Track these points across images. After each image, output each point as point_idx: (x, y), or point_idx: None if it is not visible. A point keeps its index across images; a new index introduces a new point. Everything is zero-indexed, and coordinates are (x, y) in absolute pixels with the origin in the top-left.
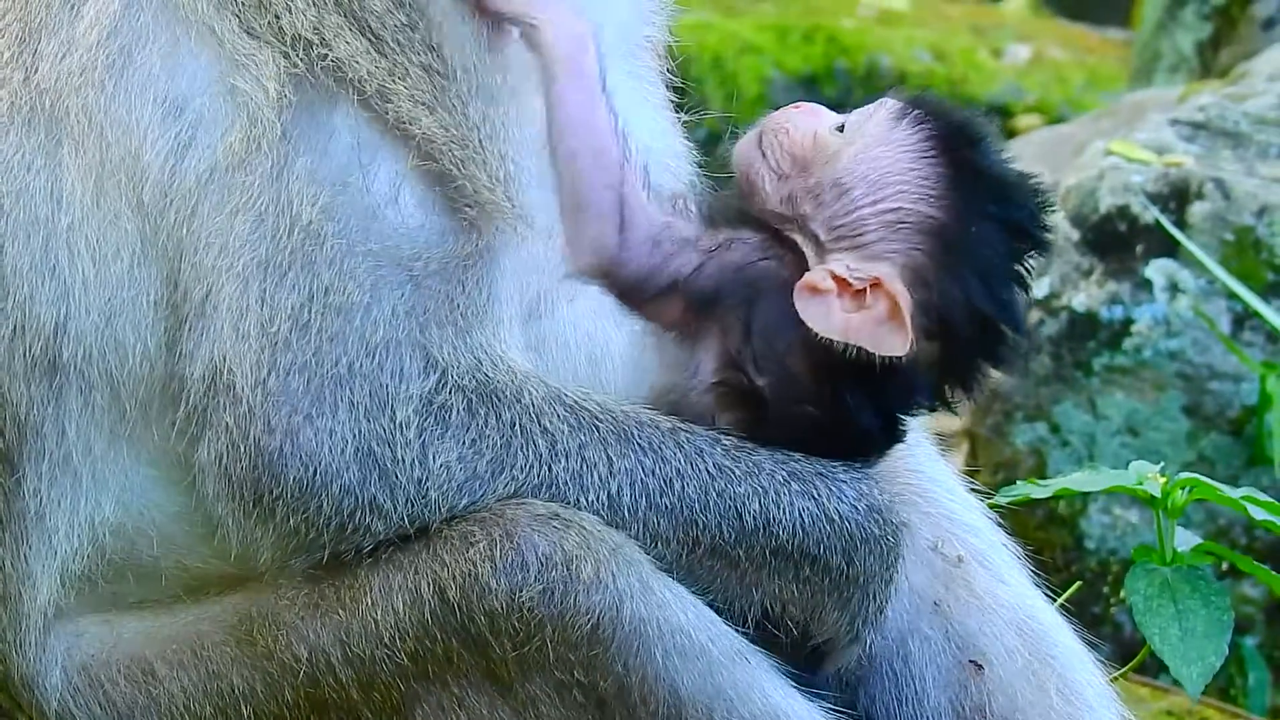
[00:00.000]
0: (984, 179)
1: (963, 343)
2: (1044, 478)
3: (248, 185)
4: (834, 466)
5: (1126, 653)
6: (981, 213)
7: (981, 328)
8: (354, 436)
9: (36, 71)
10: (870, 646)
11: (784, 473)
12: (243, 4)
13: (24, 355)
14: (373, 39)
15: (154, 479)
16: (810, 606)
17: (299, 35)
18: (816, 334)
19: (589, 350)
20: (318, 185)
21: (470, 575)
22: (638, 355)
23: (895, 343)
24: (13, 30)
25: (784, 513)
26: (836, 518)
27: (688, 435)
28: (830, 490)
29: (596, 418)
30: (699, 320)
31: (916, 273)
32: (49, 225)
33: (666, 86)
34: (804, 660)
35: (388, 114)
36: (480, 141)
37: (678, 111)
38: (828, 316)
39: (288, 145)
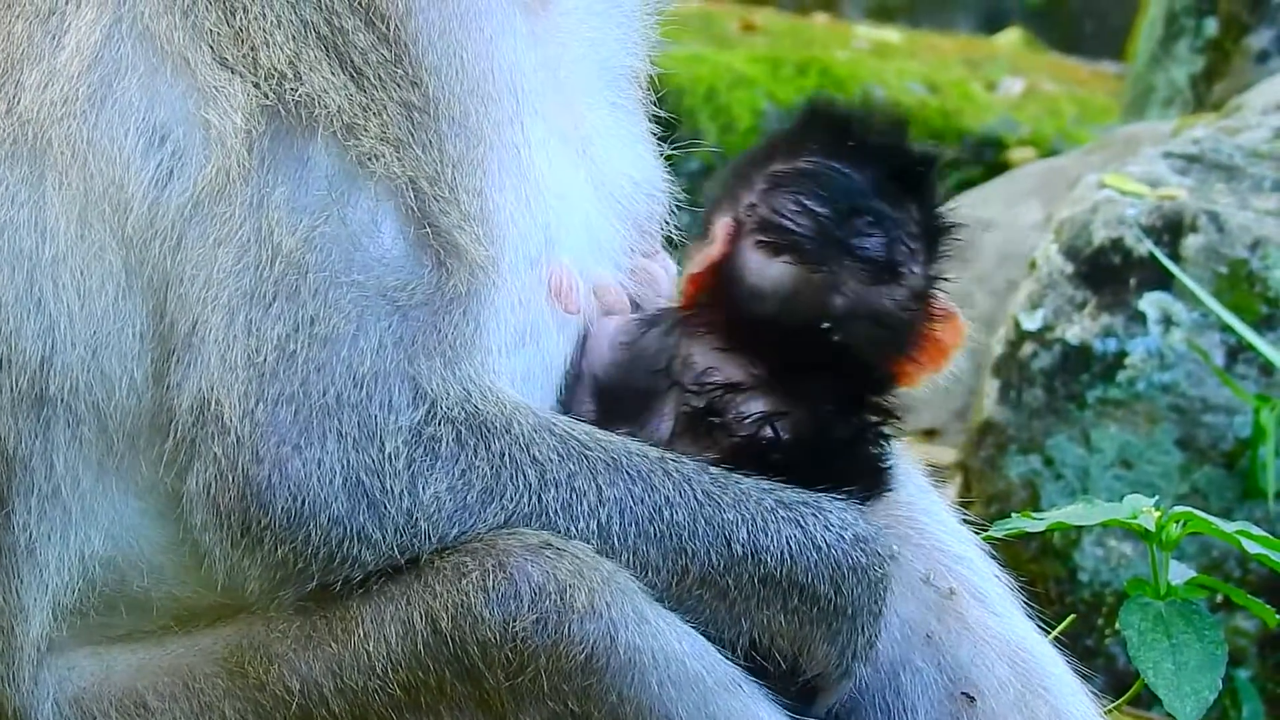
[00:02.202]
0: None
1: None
2: (1037, 510)
3: (229, 216)
4: (820, 496)
5: (1120, 685)
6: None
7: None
8: (343, 467)
9: (19, 103)
10: (862, 679)
11: (771, 500)
12: (217, 35)
13: (11, 389)
14: (353, 73)
15: (143, 511)
16: (799, 638)
17: (274, 68)
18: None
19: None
20: (297, 215)
21: (463, 606)
22: None
23: (705, 253)
24: None
25: (771, 540)
26: (823, 545)
27: (676, 464)
28: (817, 518)
29: (586, 447)
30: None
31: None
32: (33, 258)
33: (649, 118)
34: (795, 696)
35: (350, 150)
36: (454, 179)
37: (670, 144)
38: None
39: (266, 175)
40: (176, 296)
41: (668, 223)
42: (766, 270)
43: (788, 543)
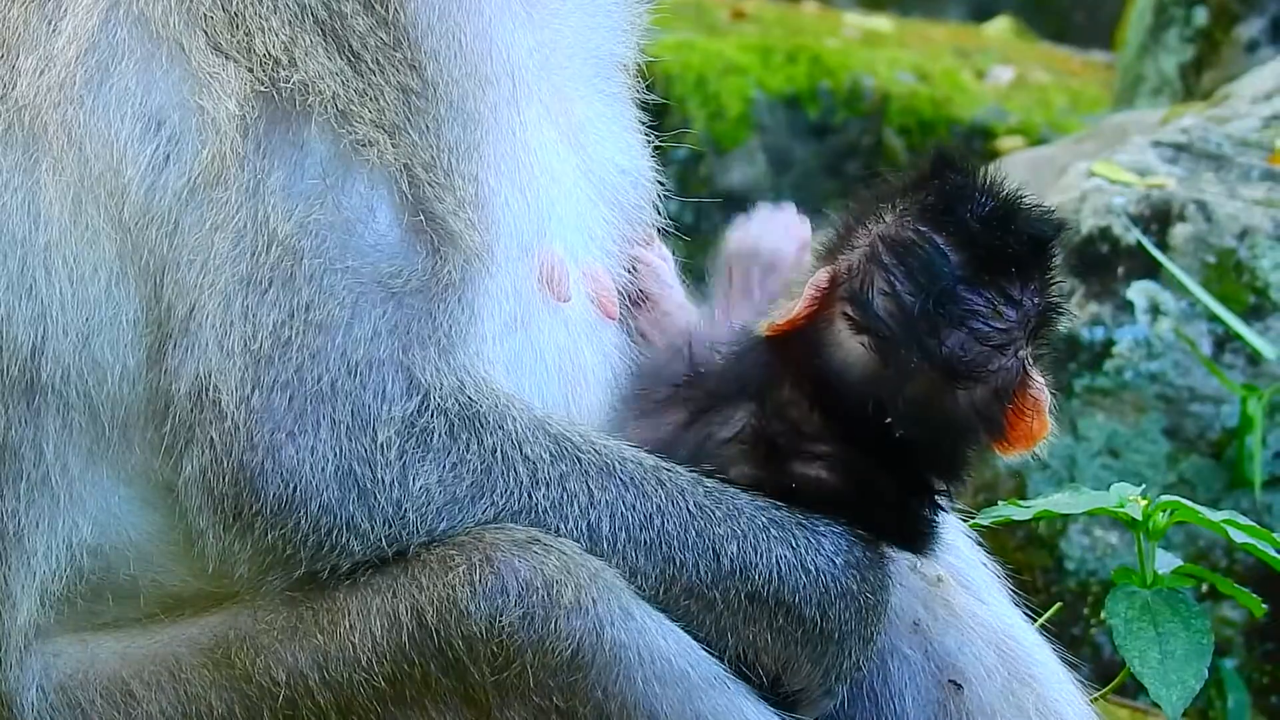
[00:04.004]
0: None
1: (898, 346)
2: (1024, 499)
3: (225, 201)
4: (817, 520)
5: (1106, 674)
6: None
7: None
8: (335, 455)
9: (14, 88)
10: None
11: (764, 518)
12: (212, 21)
13: (2, 376)
14: (350, 58)
15: (131, 498)
16: (784, 657)
17: (269, 53)
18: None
19: (561, 367)
20: (293, 201)
21: (449, 600)
22: (610, 374)
23: (790, 306)
24: None
25: (761, 558)
26: (813, 569)
27: (669, 474)
28: (809, 541)
29: (579, 449)
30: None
31: (847, 264)
32: (26, 244)
33: (637, 106)
34: (774, 705)
35: (345, 136)
36: (450, 164)
37: (660, 132)
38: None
39: (261, 161)
40: (173, 281)
41: (656, 212)
42: (845, 345)
43: (777, 562)
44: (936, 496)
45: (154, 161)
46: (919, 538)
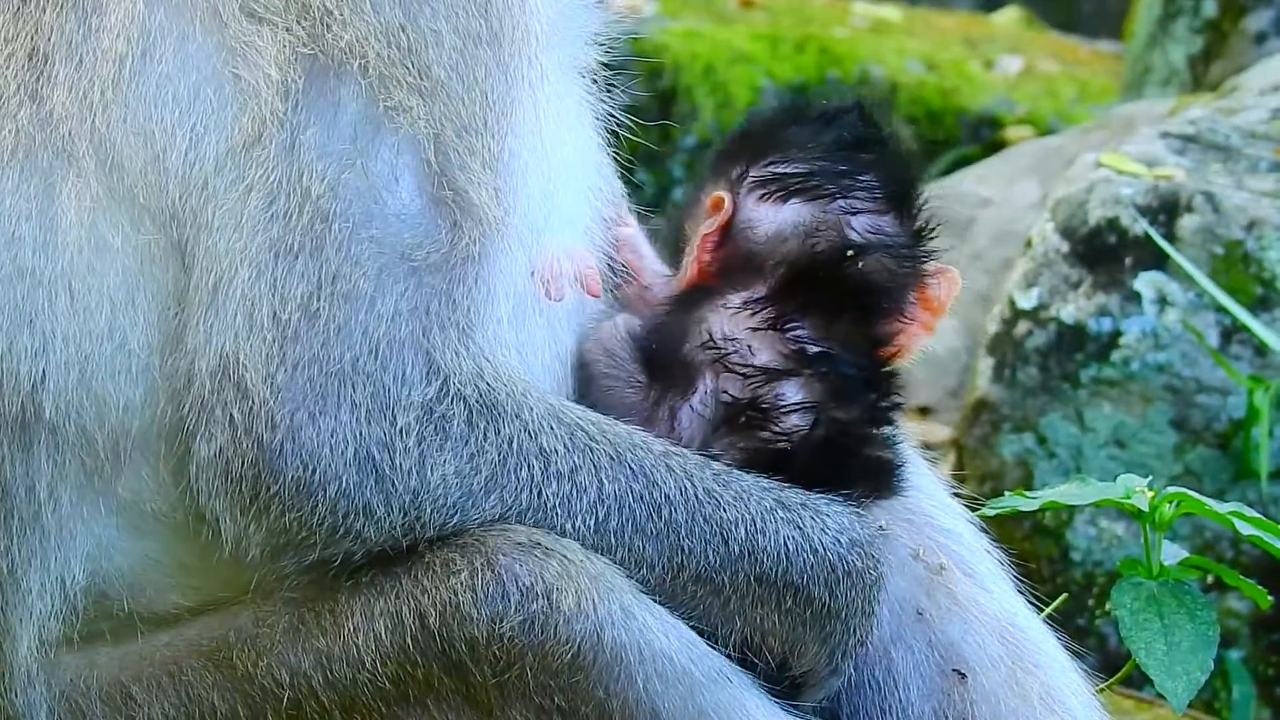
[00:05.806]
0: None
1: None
2: (1030, 489)
3: (264, 159)
4: (819, 498)
5: (1112, 665)
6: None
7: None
8: (355, 439)
9: (48, 102)
10: (853, 662)
11: (770, 500)
12: None
13: (1, 412)
14: (402, 11)
15: (123, 528)
16: (791, 639)
17: (313, 12)
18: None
19: (555, 351)
20: (326, 160)
21: (451, 604)
22: None
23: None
24: (17, 59)
25: (769, 540)
26: (819, 548)
27: (679, 459)
28: (815, 521)
29: (591, 438)
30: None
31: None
32: (33, 276)
33: (620, 105)
34: (781, 691)
35: (380, 100)
36: (485, 121)
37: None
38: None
39: (299, 116)
40: (204, 250)
41: (621, 202)
42: (779, 216)
43: (785, 543)
44: (889, 407)
45: (194, 136)
46: (886, 475)
